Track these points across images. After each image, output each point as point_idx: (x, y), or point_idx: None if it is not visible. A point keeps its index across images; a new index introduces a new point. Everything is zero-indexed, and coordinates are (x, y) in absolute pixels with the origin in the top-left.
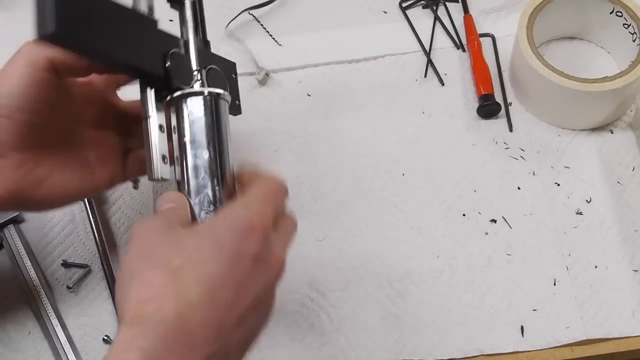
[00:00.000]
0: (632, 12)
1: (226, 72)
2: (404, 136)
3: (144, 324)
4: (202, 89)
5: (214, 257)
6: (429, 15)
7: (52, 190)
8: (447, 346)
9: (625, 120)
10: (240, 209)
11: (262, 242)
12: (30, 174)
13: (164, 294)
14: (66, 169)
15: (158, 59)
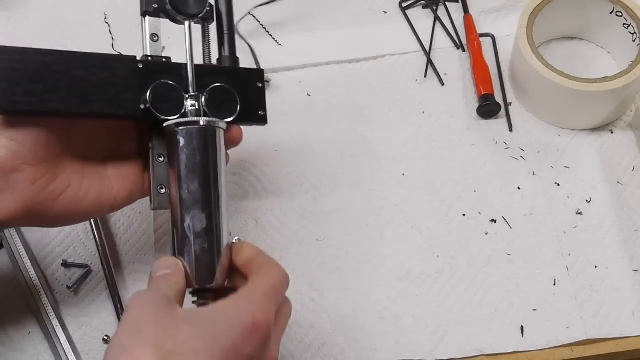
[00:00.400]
0: (632, 12)
1: (249, 82)
2: (404, 136)
3: None
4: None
5: (208, 351)
6: (429, 15)
7: (68, 205)
8: (447, 346)
9: (625, 120)
10: (244, 303)
11: (261, 343)
12: (46, 188)
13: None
14: (83, 183)
15: (136, 96)
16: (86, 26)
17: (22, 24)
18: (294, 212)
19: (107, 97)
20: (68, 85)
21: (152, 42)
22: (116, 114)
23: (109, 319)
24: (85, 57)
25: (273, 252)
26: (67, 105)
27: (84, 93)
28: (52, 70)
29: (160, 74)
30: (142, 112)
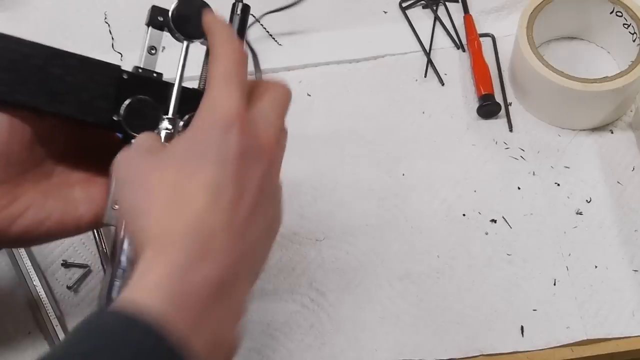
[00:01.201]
0: (632, 12)
1: None
2: (404, 136)
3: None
4: None
5: (202, 166)
6: (429, 15)
7: (27, 228)
8: (447, 346)
9: (625, 120)
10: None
11: (242, 134)
12: (3, 210)
13: (171, 210)
14: (46, 205)
15: (111, 107)
16: (86, 26)
17: (22, 24)
18: (294, 212)
19: (80, 100)
20: (41, 80)
21: (149, 55)
22: (84, 119)
23: None
24: (66, 56)
25: (273, 252)
26: (35, 101)
27: (55, 92)
28: (28, 63)
29: (144, 89)
30: (113, 123)
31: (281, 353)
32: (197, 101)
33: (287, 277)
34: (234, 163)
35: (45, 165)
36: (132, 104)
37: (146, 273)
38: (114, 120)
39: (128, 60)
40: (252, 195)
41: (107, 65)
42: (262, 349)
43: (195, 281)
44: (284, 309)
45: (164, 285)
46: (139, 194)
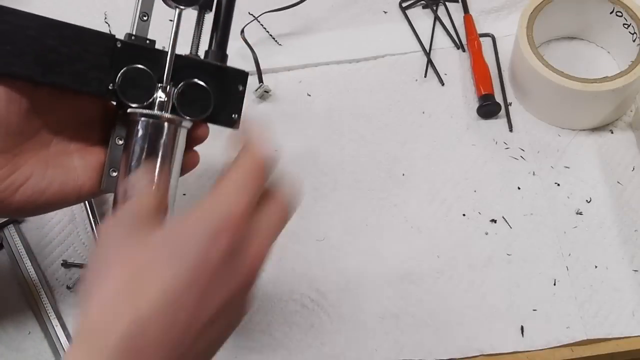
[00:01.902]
0: (632, 12)
1: (231, 82)
2: (404, 136)
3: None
4: (143, 111)
5: (175, 265)
6: (429, 15)
7: (30, 197)
8: (447, 346)
9: (625, 120)
10: (210, 204)
11: (231, 241)
12: (6, 179)
13: (117, 305)
14: (47, 174)
15: (106, 76)
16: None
17: None
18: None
19: (75, 71)
20: (36, 51)
21: (141, 21)
22: (80, 89)
23: None
24: (60, 27)
25: (273, 252)
26: (31, 72)
27: (51, 63)
28: (23, 34)
29: (138, 58)
30: (107, 92)
31: (281, 353)
32: (190, 69)
33: (287, 277)
34: (206, 275)
35: (44, 135)
36: (126, 73)
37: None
38: (109, 90)
39: None
40: (213, 312)
41: (101, 34)
42: (262, 349)
43: None
44: (284, 309)
45: None
46: (98, 272)
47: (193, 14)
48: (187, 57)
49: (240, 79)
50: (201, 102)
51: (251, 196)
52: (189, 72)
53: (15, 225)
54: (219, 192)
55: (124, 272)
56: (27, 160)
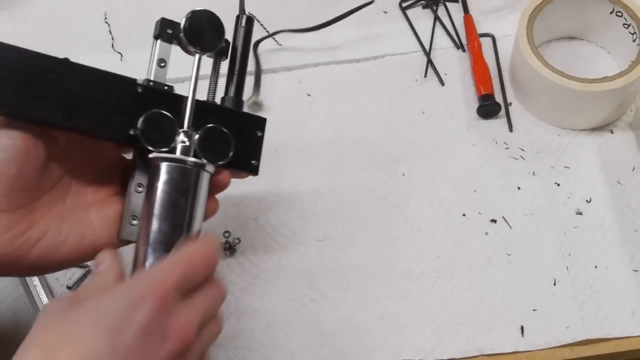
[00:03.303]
0: (632, 12)
1: (249, 128)
2: (404, 136)
3: None
4: (167, 156)
5: (90, 332)
6: (429, 15)
7: (45, 253)
8: (447, 346)
9: (625, 120)
10: (135, 277)
11: (152, 312)
12: (22, 235)
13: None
14: (62, 230)
15: (128, 120)
16: (86, 26)
17: (22, 24)
18: (294, 212)
19: (97, 114)
20: (59, 95)
21: (158, 68)
22: (102, 134)
23: None
24: (83, 70)
25: (273, 252)
26: (53, 116)
27: (73, 106)
28: (45, 77)
29: (158, 102)
30: (129, 137)
31: (281, 353)
32: (209, 114)
33: (287, 277)
34: (127, 340)
35: (59, 188)
36: (148, 118)
37: None
38: (130, 135)
39: (128, 60)
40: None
41: (122, 78)
42: (262, 349)
43: None
44: (284, 309)
45: None
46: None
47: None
48: (206, 103)
49: (258, 125)
50: (222, 146)
51: (183, 277)
52: (207, 117)
53: None
54: (149, 270)
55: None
56: (43, 216)
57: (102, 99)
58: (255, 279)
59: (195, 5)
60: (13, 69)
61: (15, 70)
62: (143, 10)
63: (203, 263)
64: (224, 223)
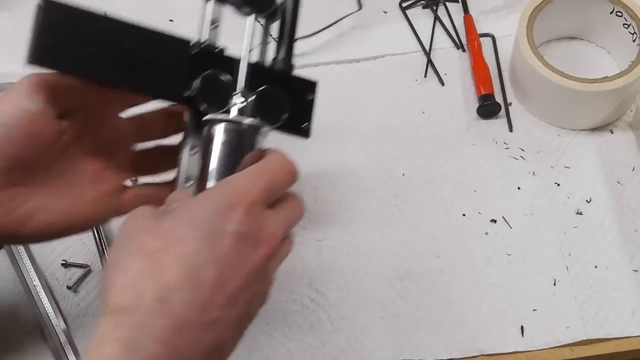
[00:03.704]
0: (632, 12)
1: (300, 92)
2: (404, 136)
3: (123, 314)
4: (225, 117)
5: (190, 237)
6: (429, 15)
7: (39, 227)
8: (447, 346)
9: (625, 120)
10: (221, 187)
11: (244, 218)
12: (16, 211)
13: (142, 279)
14: (56, 205)
15: (183, 82)
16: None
17: (23, 24)
18: None
19: (154, 75)
20: (117, 55)
21: (211, 29)
22: (158, 95)
23: None
24: (140, 31)
25: None
26: (112, 75)
27: (132, 67)
28: (105, 36)
29: (212, 64)
30: (185, 99)
31: (281, 353)
32: (262, 76)
33: (287, 277)
34: (224, 244)
35: (57, 167)
36: (205, 79)
37: (103, 344)
38: (186, 97)
39: None
40: (235, 284)
41: (177, 39)
42: (262, 348)
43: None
44: (284, 309)
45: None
46: (121, 253)
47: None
48: (259, 65)
49: (309, 88)
50: (276, 108)
51: (266, 187)
52: (259, 80)
53: None
54: (234, 178)
55: (145, 253)
56: (38, 192)
57: (159, 60)
58: None
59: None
60: (70, 28)
61: (72, 30)
62: (143, 10)
63: (286, 174)
64: None
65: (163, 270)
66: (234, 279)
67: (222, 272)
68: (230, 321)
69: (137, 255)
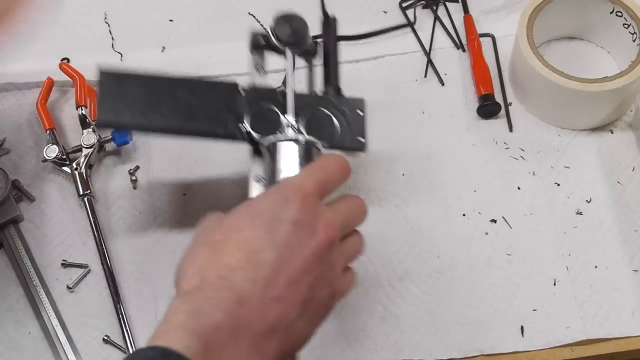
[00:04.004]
0: (632, 12)
1: (350, 110)
2: (404, 136)
3: (190, 294)
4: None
5: (249, 225)
6: (429, 15)
7: None
8: (447, 346)
9: (625, 120)
10: (277, 185)
11: (300, 207)
12: None
13: (206, 265)
14: None
15: (236, 118)
16: (86, 26)
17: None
18: None
19: (208, 116)
20: (172, 105)
21: (257, 74)
22: (215, 133)
23: (109, 319)
24: (189, 82)
25: None
26: (170, 123)
27: (186, 112)
28: (158, 91)
29: (262, 99)
30: (241, 132)
31: None
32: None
33: None
34: (282, 231)
35: None
36: (255, 112)
37: (171, 316)
38: (241, 130)
39: (128, 61)
40: (295, 266)
41: (225, 84)
42: None
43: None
44: None
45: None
46: (191, 247)
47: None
48: (307, 95)
49: (359, 105)
50: (326, 128)
51: (320, 180)
52: (310, 106)
53: (15, 225)
54: (291, 176)
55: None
56: None
57: (211, 102)
58: None
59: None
60: (129, 90)
61: (131, 91)
62: (143, 10)
63: (338, 168)
64: None
65: (224, 255)
66: (294, 261)
67: (281, 255)
68: (295, 300)
69: (202, 248)
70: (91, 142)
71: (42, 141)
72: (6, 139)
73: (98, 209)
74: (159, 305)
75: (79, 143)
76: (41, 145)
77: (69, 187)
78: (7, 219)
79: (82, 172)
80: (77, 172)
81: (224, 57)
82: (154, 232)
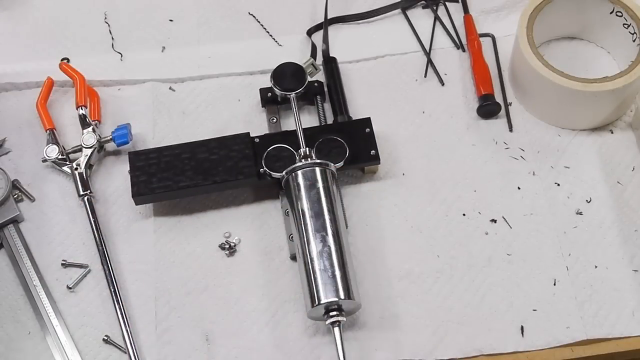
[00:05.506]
0: (632, 12)
1: (358, 130)
2: (403, 136)
3: None
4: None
5: None
6: (429, 15)
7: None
8: (447, 346)
9: (625, 120)
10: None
11: None
12: None
13: None
14: None
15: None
16: (86, 26)
17: (22, 24)
18: None
19: (227, 168)
20: (194, 166)
21: (272, 123)
22: (236, 180)
23: (109, 319)
24: (206, 143)
25: (273, 252)
26: (194, 180)
27: (207, 169)
28: (180, 158)
29: (274, 142)
30: (259, 175)
31: (280, 353)
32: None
33: (287, 277)
34: None
35: None
36: (269, 153)
37: None
38: (259, 172)
39: (128, 60)
40: None
41: (239, 136)
42: (262, 348)
43: None
44: (284, 308)
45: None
46: None
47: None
48: (316, 127)
49: (365, 124)
50: (337, 150)
51: None
52: (321, 135)
53: (15, 225)
54: None
55: None
56: None
57: (228, 155)
58: (255, 278)
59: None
60: (154, 164)
61: (156, 164)
62: (143, 10)
63: None
64: (225, 223)
65: None
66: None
67: None
68: None
69: None
70: (91, 142)
71: (42, 141)
72: (6, 139)
73: (98, 209)
74: (159, 305)
75: (79, 143)
76: (41, 145)
77: (69, 187)
78: (7, 219)
79: (82, 172)
80: (77, 172)
81: (224, 57)
82: (154, 232)
